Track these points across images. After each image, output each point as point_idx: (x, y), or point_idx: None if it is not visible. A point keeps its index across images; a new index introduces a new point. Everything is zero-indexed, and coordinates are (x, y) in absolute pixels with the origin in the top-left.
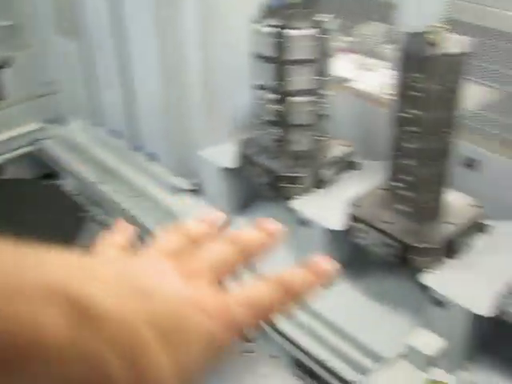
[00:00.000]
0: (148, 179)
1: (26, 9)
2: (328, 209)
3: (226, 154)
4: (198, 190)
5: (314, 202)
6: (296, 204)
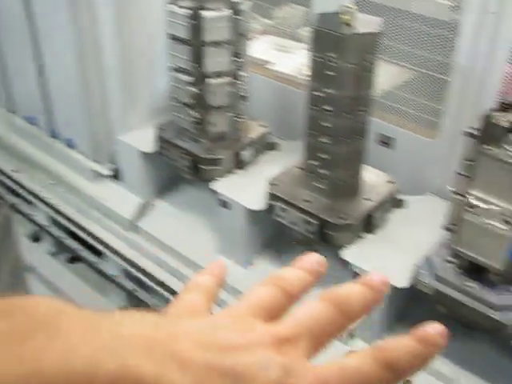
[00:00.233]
0: (66, 166)
1: None
2: (248, 189)
3: (145, 139)
4: (118, 176)
5: (234, 183)
6: (216, 186)
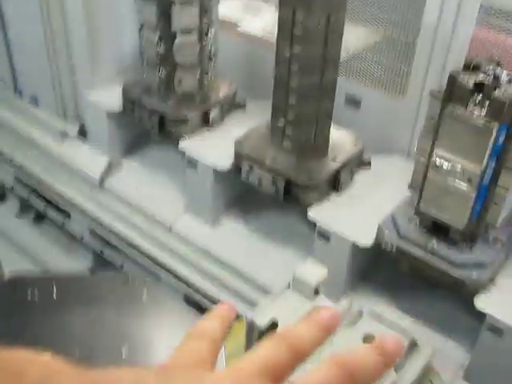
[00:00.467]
0: (32, 125)
1: None
2: (215, 149)
3: (112, 97)
4: (85, 135)
5: (201, 143)
6: (183, 145)
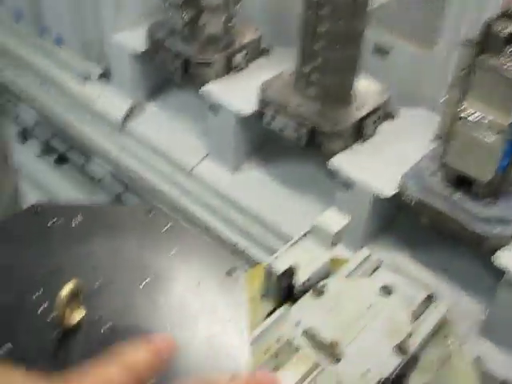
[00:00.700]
0: (55, 65)
1: None
2: (239, 94)
3: (136, 39)
4: (108, 76)
5: (224, 88)
6: (207, 90)
